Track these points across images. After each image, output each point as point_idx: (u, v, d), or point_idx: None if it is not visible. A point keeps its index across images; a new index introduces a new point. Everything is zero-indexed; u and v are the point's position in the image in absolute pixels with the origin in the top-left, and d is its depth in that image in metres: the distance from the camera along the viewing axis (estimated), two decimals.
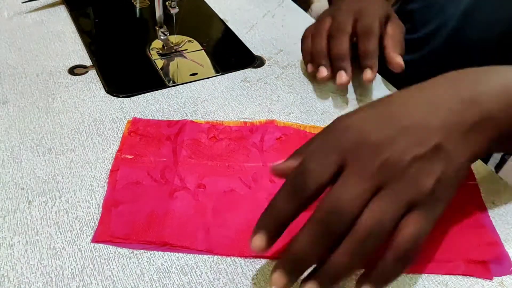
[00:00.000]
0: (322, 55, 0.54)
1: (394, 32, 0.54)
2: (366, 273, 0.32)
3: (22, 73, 0.57)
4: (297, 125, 0.50)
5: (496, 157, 0.69)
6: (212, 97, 0.54)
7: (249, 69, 0.59)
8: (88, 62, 0.59)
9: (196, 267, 0.37)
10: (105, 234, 0.39)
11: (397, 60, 0.52)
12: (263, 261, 0.38)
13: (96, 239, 0.38)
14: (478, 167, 0.47)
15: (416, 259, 0.32)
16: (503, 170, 0.69)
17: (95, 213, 0.41)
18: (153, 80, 0.57)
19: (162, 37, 0.60)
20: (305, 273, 0.33)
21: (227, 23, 0.68)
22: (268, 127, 0.49)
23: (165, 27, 0.59)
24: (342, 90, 0.56)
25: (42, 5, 0.70)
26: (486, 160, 0.68)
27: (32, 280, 0.36)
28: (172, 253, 0.38)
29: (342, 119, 0.35)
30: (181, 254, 0.38)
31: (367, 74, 0.52)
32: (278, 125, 0.49)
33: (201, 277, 0.37)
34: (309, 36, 0.57)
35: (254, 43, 0.64)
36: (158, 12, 0.57)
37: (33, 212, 0.41)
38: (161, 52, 0.61)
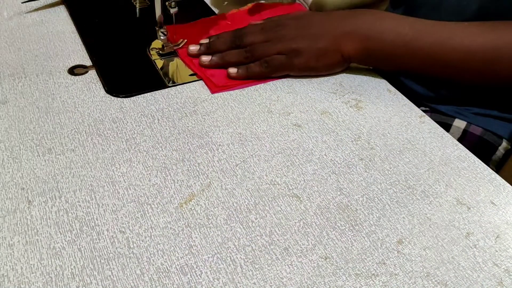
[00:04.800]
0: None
1: None
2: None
3: (22, 73, 0.57)
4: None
5: (498, 155, 0.68)
6: (211, 97, 0.55)
7: None
8: (88, 62, 0.59)
9: (196, 267, 0.37)
10: (216, 87, 0.55)
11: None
12: (262, 261, 0.38)
13: (215, 91, 0.55)
14: (477, 166, 0.47)
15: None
16: (503, 170, 0.69)
17: (95, 213, 0.41)
18: (153, 80, 0.57)
19: (162, 37, 0.60)
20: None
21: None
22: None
23: (165, 27, 0.59)
24: (341, 91, 0.56)
25: (42, 5, 0.70)
26: (487, 160, 0.68)
27: (32, 280, 0.36)
28: (172, 253, 0.38)
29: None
30: (180, 254, 0.38)
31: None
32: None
33: (200, 277, 0.37)
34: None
35: None
36: (158, 12, 0.57)
37: (33, 212, 0.41)
38: (161, 52, 0.61)
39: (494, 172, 0.47)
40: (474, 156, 0.48)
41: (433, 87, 0.68)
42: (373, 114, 0.53)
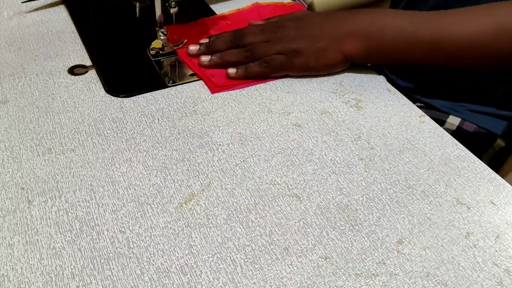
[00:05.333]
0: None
1: None
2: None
3: (22, 73, 0.57)
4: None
5: (492, 152, 0.69)
6: (211, 97, 0.55)
7: None
8: (88, 62, 0.59)
9: (196, 267, 0.37)
10: (216, 87, 0.55)
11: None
12: (262, 261, 0.38)
13: (215, 91, 0.55)
14: (477, 166, 0.47)
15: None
16: (503, 170, 0.69)
17: (94, 212, 0.41)
18: (153, 80, 0.57)
19: (162, 37, 0.60)
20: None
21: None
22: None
23: (165, 27, 0.59)
24: (341, 90, 0.56)
25: (42, 5, 0.70)
26: (480, 158, 0.68)
27: (32, 280, 0.36)
28: (171, 253, 0.38)
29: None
30: (180, 254, 0.38)
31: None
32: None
33: (200, 276, 0.37)
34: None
35: None
36: (158, 12, 0.57)
37: (33, 212, 0.41)
38: (160, 52, 0.61)
39: (494, 172, 0.47)
40: (474, 156, 0.48)
41: (428, 80, 0.68)
42: (373, 114, 0.53)
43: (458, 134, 0.66)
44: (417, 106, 0.55)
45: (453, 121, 0.66)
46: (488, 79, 0.66)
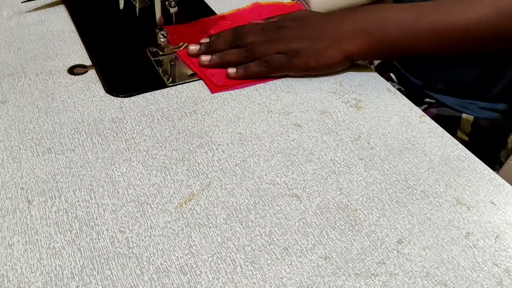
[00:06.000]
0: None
1: None
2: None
3: (22, 72, 0.57)
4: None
5: (508, 149, 0.69)
6: (211, 97, 0.55)
7: None
8: (87, 62, 0.59)
9: (196, 267, 0.37)
10: (215, 87, 0.56)
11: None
12: (262, 261, 0.38)
13: (214, 91, 0.55)
14: (477, 166, 0.47)
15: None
16: (503, 170, 0.69)
17: (94, 212, 0.41)
18: (153, 80, 0.57)
19: (162, 39, 0.60)
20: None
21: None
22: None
23: (165, 29, 0.59)
24: (341, 90, 0.56)
25: (42, 5, 0.70)
26: (496, 154, 0.68)
27: (32, 280, 0.36)
28: (171, 253, 0.38)
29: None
30: (180, 254, 0.38)
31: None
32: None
33: (200, 276, 0.37)
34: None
35: None
36: (158, 14, 0.57)
37: (32, 212, 0.41)
38: (160, 53, 0.61)
39: (494, 172, 0.47)
40: (474, 156, 0.48)
41: (435, 77, 0.69)
42: (373, 114, 0.53)
43: (475, 130, 0.66)
44: (428, 102, 0.55)
45: (468, 118, 0.66)
46: (490, 75, 0.66)
